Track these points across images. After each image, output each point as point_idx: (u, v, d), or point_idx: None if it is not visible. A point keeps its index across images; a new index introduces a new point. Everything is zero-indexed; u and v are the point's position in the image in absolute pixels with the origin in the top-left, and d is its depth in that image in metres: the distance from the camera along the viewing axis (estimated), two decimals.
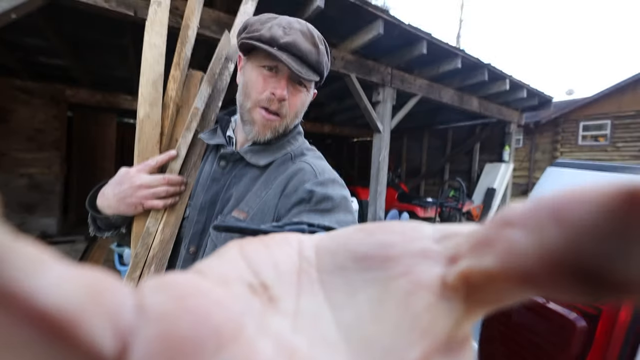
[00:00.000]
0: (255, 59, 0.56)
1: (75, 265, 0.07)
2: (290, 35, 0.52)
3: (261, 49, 0.52)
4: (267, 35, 0.52)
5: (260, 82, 0.55)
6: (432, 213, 4.35)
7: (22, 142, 3.74)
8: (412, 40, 2.90)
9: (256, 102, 0.55)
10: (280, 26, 0.53)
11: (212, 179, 0.62)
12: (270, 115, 0.55)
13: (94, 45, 3.21)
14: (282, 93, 0.54)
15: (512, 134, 5.43)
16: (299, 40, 0.52)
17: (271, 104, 0.55)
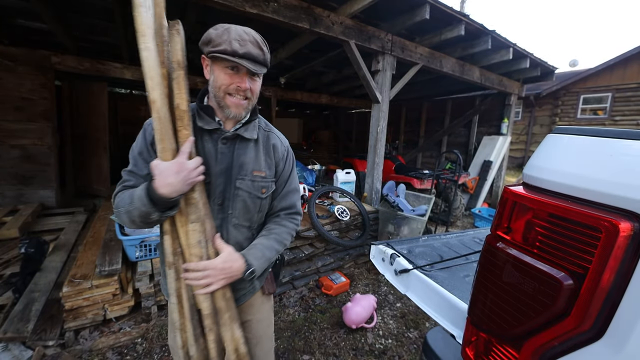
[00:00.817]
0: (220, 63, 0.81)
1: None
2: (245, 47, 0.78)
3: (227, 59, 0.78)
4: (230, 49, 0.77)
5: (227, 79, 0.82)
6: (428, 185, 4.39)
7: (10, 112, 3.62)
8: (415, 3, 2.74)
9: (225, 92, 0.83)
10: (236, 40, 0.78)
11: (220, 153, 0.88)
12: (240, 100, 0.85)
13: (75, 6, 3.00)
14: (245, 85, 0.83)
15: (512, 105, 5.34)
16: (251, 49, 0.79)
17: (237, 93, 0.83)
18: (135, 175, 0.86)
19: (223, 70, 0.81)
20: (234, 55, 0.77)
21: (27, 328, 1.79)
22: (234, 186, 0.89)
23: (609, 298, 0.54)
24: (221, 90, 0.82)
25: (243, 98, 0.84)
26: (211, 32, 0.81)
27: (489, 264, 0.71)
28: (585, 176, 0.58)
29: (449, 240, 1.73)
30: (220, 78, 0.82)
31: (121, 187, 0.86)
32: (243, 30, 0.80)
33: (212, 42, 0.79)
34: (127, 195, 0.81)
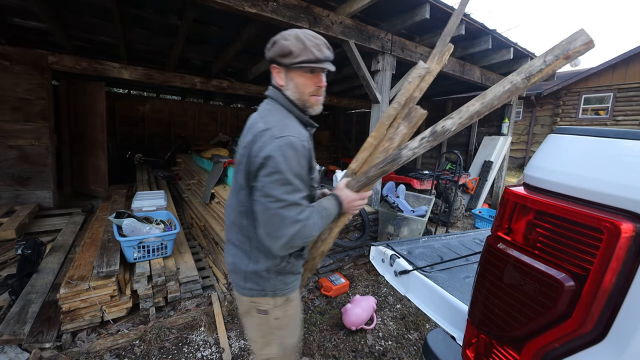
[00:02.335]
0: (300, 70, 0.91)
1: None
2: (321, 51, 0.90)
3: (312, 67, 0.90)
4: (313, 57, 0.88)
5: (310, 82, 0.93)
6: (428, 185, 4.38)
7: (7, 112, 3.60)
8: (415, 3, 2.74)
9: (310, 94, 0.94)
10: (314, 48, 0.89)
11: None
12: (320, 97, 0.98)
13: (73, 5, 2.99)
14: (324, 83, 0.96)
15: (513, 106, 5.34)
16: (325, 51, 0.91)
17: (319, 91, 0.96)
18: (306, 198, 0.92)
19: (304, 76, 0.91)
20: (317, 62, 0.88)
21: (23, 330, 1.78)
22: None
23: (611, 299, 0.53)
24: (306, 93, 0.93)
25: (320, 95, 0.96)
26: (285, 44, 0.88)
27: (489, 265, 0.70)
28: (586, 177, 0.57)
29: (449, 241, 1.72)
30: (303, 83, 0.92)
31: (307, 212, 0.88)
32: (312, 36, 0.90)
33: (293, 54, 0.87)
34: (318, 217, 0.91)
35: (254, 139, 0.86)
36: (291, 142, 0.83)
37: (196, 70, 5.30)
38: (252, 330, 1.06)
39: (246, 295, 0.99)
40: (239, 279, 0.98)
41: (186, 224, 3.89)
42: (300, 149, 0.85)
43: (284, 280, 0.99)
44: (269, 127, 0.86)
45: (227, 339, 1.94)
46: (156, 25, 3.42)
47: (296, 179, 0.84)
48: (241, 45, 3.61)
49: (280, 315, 1.00)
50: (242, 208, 0.94)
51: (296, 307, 1.06)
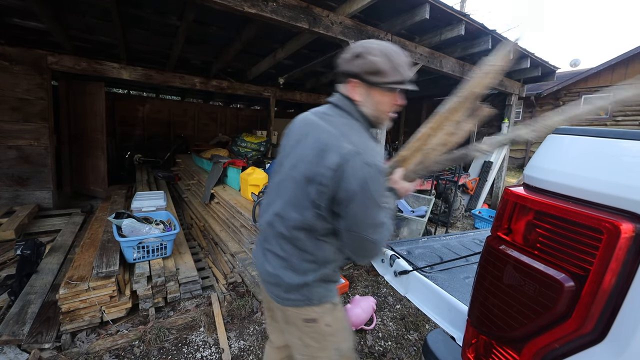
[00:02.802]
0: (384, 89, 0.88)
1: None
2: (406, 72, 0.89)
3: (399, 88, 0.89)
4: (401, 79, 0.87)
5: (390, 101, 0.92)
6: (427, 185, 4.38)
7: (6, 113, 3.60)
8: (415, 3, 2.74)
9: (390, 111, 0.94)
10: (402, 67, 0.87)
11: None
12: (394, 115, 0.97)
13: (73, 5, 2.99)
14: (401, 102, 0.95)
15: (513, 106, 5.34)
16: (409, 70, 0.90)
17: (394, 110, 0.95)
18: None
19: (385, 95, 0.89)
20: (404, 82, 0.88)
21: (22, 331, 1.78)
22: None
23: (611, 300, 0.53)
24: (384, 112, 0.93)
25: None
26: (374, 60, 0.84)
27: (489, 265, 0.70)
28: (586, 177, 0.57)
29: (448, 241, 1.72)
30: (383, 102, 0.90)
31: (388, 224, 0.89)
32: (397, 53, 0.87)
33: (382, 74, 0.85)
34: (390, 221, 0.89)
35: (342, 161, 0.79)
36: (381, 171, 0.84)
37: (196, 71, 5.30)
38: (302, 338, 0.99)
39: (289, 306, 0.94)
40: (280, 290, 0.94)
41: (186, 225, 3.89)
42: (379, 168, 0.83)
43: (327, 287, 0.96)
44: (359, 150, 0.80)
45: (226, 340, 1.94)
46: (156, 25, 3.42)
47: (382, 203, 0.85)
48: (241, 45, 3.61)
49: (331, 321, 0.97)
50: (304, 225, 0.88)
51: (343, 311, 1.04)
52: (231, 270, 2.76)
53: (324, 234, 0.89)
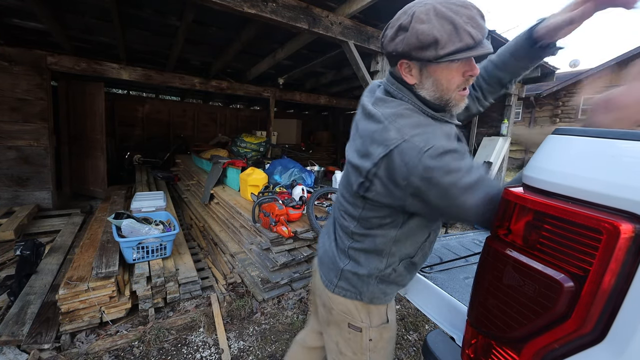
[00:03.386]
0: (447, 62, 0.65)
1: None
2: (479, 28, 0.62)
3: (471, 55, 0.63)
4: (472, 42, 0.61)
5: (457, 74, 0.68)
6: None
7: (6, 113, 3.60)
8: None
9: (457, 88, 0.70)
10: (469, 24, 0.61)
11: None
12: (467, 91, 0.72)
13: (72, 6, 2.99)
14: (477, 71, 0.68)
15: (512, 106, 5.34)
16: (483, 25, 0.63)
17: (467, 83, 0.70)
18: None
19: (450, 68, 0.67)
20: (476, 46, 0.61)
21: (22, 331, 1.77)
22: None
23: (610, 300, 0.53)
24: (452, 89, 0.69)
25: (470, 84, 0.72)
26: (424, 29, 0.62)
27: (488, 266, 0.70)
28: (586, 177, 0.57)
29: (448, 241, 1.72)
30: (447, 78, 0.68)
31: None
32: (458, 5, 0.62)
33: (439, 43, 0.62)
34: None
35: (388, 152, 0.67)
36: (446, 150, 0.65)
37: (195, 71, 5.30)
38: (339, 343, 0.94)
39: (337, 294, 0.88)
40: (333, 274, 0.89)
41: (185, 225, 3.89)
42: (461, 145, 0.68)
43: (384, 289, 0.86)
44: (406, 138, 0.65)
45: (226, 340, 1.94)
46: (155, 25, 3.42)
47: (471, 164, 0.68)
48: (240, 45, 3.61)
49: (375, 338, 0.90)
50: (350, 213, 0.84)
51: (392, 331, 0.95)
52: (231, 270, 2.76)
53: (370, 226, 0.80)
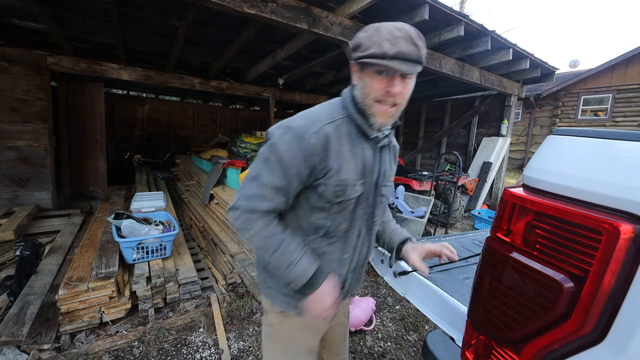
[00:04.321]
0: (370, 68, 0.73)
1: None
2: (396, 46, 0.69)
3: (375, 63, 0.70)
4: (379, 51, 0.69)
5: (377, 84, 0.74)
6: (427, 186, 4.39)
7: (6, 113, 3.60)
8: (414, 4, 2.74)
9: (374, 99, 0.75)
10: (386, 40, 0.69)
11: (377, 161, 0.84)
12: (388, 108, 0.76)
13: (72, 6, 2.99)
14: (395, 90, 0.73)
15: (512, 106, 5.34)
16: (403, 47, 0.69)
17: (387, 98, 0.74)
18: (284, 191, 0.76)
19: (372, 76, 0.74)
20: (384, 57, 0.69)
21: (22, 332, 1.77)
22: (380, 194, 0.87)
23: (610, 301, 0.53)
24: (369, 97, 0.75)
25: (391, 105, 0.76)
26: (360, 35, 0.75)
27: (488, 266, 0.70)
28: (585, 178, 0.57)
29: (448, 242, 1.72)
30: (369, 84, 0.75)
31: (264, 209, 0.75)
32: (394, 27, 0.71)
33: (361, 47, 0.73)
34: (277, 239, 0.76)
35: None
36: (292, 128, 0.75)
37: (195, 71, 5.31)
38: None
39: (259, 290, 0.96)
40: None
41: (185, 225, 3.88)
42: (301, 137, 0.73)
43: (267, 277, 0.90)
44: (284, 122, 0.78)
45: (226, 340, 1.94)
46: (155, 26, 3.42)
47: (280, 175, 0.74)
48: (240, 46, 3.61)
49: (274, 323, 0.91)
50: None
51: (295, 328, 0.91)
52: (230, 271, 2.76)
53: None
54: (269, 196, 0.75)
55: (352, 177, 0.78)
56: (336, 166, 0.75)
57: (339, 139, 0.76)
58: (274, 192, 0.75)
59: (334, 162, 0.75)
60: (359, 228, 0.86)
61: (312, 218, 0.81)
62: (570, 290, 0.54)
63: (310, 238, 0.82)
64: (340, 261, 0.86)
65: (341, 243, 0.84)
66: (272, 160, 0.74)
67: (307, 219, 0.81)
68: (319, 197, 0.78)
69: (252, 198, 0.75)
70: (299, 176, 0.75)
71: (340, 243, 0.84)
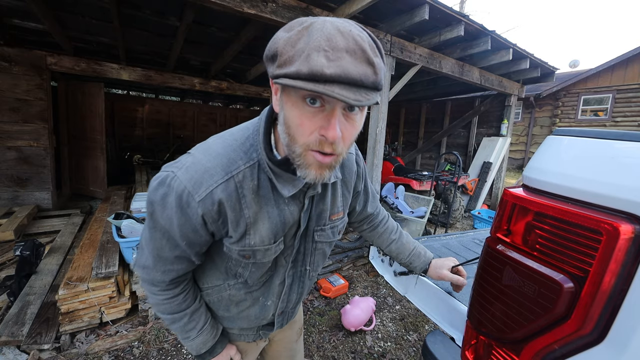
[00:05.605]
0: (294, 91, 0.46)
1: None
2: (337, 62, 0.41)
3: (302, 88, 0.42)
4: (306, 70, 0.41)
5: (307, 122, 0.47)
6: (427, 186, 4.39)
7: (5, 113, 3.59)
8: (414, 4, 2.74)
9: (306, 147, 0.49)
10: (321, 51, 0.41)
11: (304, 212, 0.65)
12: (326, 158, 0.49)
13: (72, 6, 2.99)
14: (334, 134, 0.46)
15: (512, 106, 5.34)
16: (348, 66, 0.42)
17: (324, 146, 0.48)
18: (183, 258, 0.63)
19: (298, 106, 0.47)
20: (316, 80, 0.42)
21: (22, 332, 1.77)
22: (312, 240, 0.71)
23: (610, 301, 0.53)
24: (298, 143, 0.49)
25: (329, 154, 0.49)
26: (280, 37, 0.47)
27: (488, 266, 0.70)
28: (585, 178, 0.57)
29: (448, 241, 1.72)
30: (294, 120, 0.48)
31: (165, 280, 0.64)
32: (336, 29, 0.43)
33: (280, 57, 0.45)
34: (177, 316, 0.68)
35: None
36: (172, 189, 0.55)
37: (195, 71, 5.30)
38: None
39: None
40: None
41: None
42: (187, 205, 0.55)
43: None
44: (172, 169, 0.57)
45: None
46: (155, 26, 3.42)
47: (169, 246, 0.60)
48: (240, 46, 3.61)
49: None
50: None
51: None
52: None
53: None
54: (166, 268, 0.62)
55: (261, 242, 0.61)
56: (235, 234, 0.60)
57: (239, 201, 0.57)
58: (171, 262, 0.62)
59: (232, 230, 0.59)
60: (282, 277, 0.71)
61: (229, 265, 0.68)
62: (570, 290, 0.54)
63: (229, 282, 0.70)
64: (264, 307, 0.74)
65: (264, 290, 0.72)
66: (157, 231, 0.59)
67: (224, 265, 0.68)
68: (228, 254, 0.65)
69: (149, 270, 0.63)
70: (195, 242, 0.60)
71: (263, 290, 0.72)
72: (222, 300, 0.73)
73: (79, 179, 4.83)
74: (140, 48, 4.17)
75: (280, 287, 0.72)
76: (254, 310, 0.74)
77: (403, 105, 7.84)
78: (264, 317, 0.76)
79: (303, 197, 0.63)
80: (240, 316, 0.75)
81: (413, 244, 0.95)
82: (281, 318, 0.80)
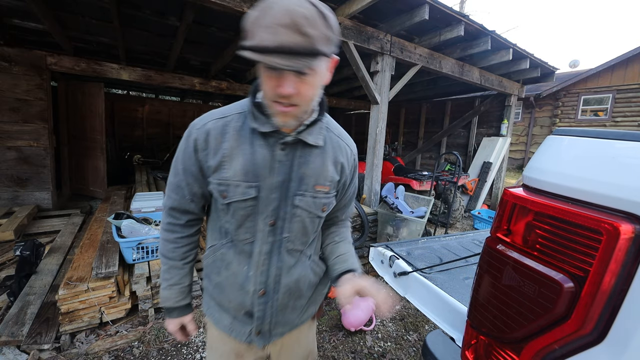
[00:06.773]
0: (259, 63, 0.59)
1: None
2: (277, 36, 0.54)
3: (253, 57, 0.56)
4: (257, 44, 0.55)
5: (268, 83, 0.62)
6: (427, 186, 4.39)
7: (5, 113, 3.59)
8: (414, 4, 2.74)
9: (270, 99, 0.65)
10: (268, 28, 0.54)
11: (278, 162, 0.72)
12: (285, 108, 0.64)
13: (72, 6, 2.99)
14: (285, 91, 0.60)
15: (512, 106, 5.34)
16: (284, 39, 0.54)
17: (281, 99, 0.63)
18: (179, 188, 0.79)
19: (262, 72, 0.62)
20: (262, 51, 0.55)
21: (22, 332, 1.77)
22: (292, 204, 0.74)
23: (610, 301, 0.53)
24: (267, 97, 0.65)
25: (287, 105, 0.63)
26: (249, 16, 0.59)
27: (488, 266, 0.70)
28: (586, 178, 0.57)
29: (448, 242, 1.72)
30: (262, 81, 0.64)
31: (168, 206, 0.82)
32: (284, 9, 0.54)
33: (245, 33, 0.58)
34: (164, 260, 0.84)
35: None
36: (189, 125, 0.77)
37: (195, 71, 5.31)
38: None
39: None
40: None
41: None
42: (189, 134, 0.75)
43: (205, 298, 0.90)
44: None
45: None
46: (155, 26, 3.42)
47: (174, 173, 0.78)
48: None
49: (207, 331, 0.94)
50: None
51: (214, 341, 0.90)
52: None
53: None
54: (170, 193, 0.80)
55: (234, 176, 0.71)
56: (214, 163, 0.71)
57: (223, 135, 0.71)
58: (172, 189, 0.79)
59: (212, 159, 0.72)
60: (261, 242, 0.74)
61: (221, 221, 0.78)
62: (570, 290, 0.54)
63: (222, 242, 0.79)
64: (247, 278, 0.77)
65: (246, 256, 0.76)
66: (174, 161, 0.79)
67: (218, 221, 0.80)
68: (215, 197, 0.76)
69: (165, 196, 0.83)
70: (189, 172, 0.76)
71: (245, 256, 0.76)
72: (216, 262, 0.81)
73: (79, 179, 4.82)
74: (140, 48, 4.18)
75: (259, 256, 0.76)
76: (240, 278, 0.78)
77: (403, 105, 7.84)
78: (247, 291, 0.78)
79: (276, 143, 0.72)
80: (228, 282, 0.79)
81: (347, 251, 0.89)
82: (262, 307, 0.78)
